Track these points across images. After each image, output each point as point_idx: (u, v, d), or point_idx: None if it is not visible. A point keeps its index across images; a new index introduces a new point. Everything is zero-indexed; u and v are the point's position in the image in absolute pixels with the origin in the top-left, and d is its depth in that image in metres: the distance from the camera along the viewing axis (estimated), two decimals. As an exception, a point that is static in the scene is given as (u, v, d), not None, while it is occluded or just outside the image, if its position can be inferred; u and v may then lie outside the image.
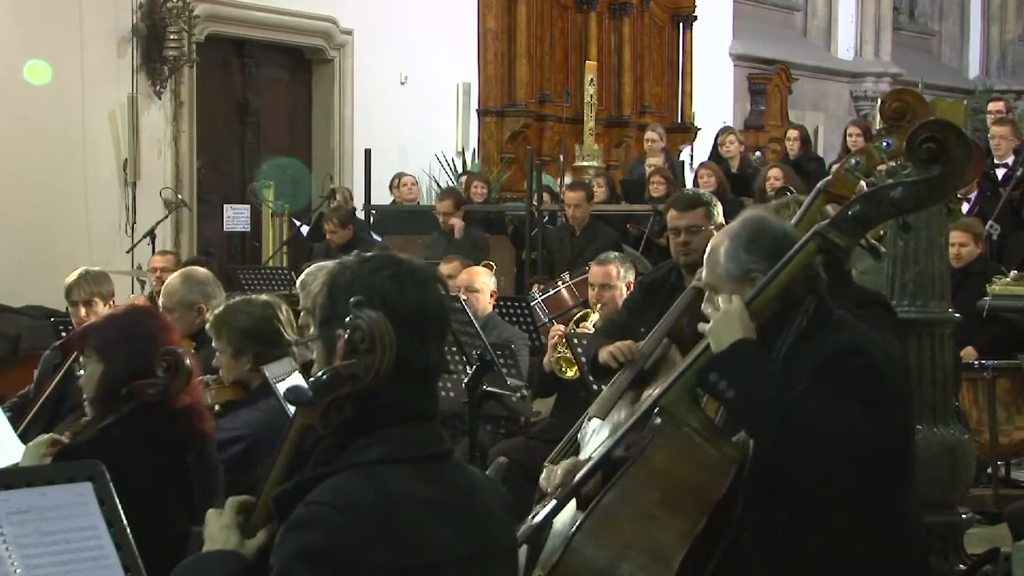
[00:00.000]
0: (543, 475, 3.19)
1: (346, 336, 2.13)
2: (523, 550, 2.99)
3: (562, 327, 6.02)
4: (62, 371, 5.20)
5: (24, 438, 4.41)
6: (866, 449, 2.87)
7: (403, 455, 2.16)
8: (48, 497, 2.27)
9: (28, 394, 5.47)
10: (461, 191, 11.15)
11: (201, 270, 5.59)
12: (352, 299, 2.14)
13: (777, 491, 2.96)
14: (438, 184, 13.23)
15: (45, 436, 3.51)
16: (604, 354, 4.04)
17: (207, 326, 4.42)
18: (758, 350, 2.98)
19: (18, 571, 2.16)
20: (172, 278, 5.38)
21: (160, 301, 5.30)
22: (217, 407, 4.02)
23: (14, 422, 4.76)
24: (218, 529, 2.23)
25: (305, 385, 2.20)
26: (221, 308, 4.36)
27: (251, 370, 4.15)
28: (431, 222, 10.29)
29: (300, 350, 4.24)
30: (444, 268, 7.07)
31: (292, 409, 3.93)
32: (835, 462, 2.86)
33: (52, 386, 5.29)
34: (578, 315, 6.19)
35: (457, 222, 9.75)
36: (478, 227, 10.72)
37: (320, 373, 2.16)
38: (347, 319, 2.13)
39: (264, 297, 4.42)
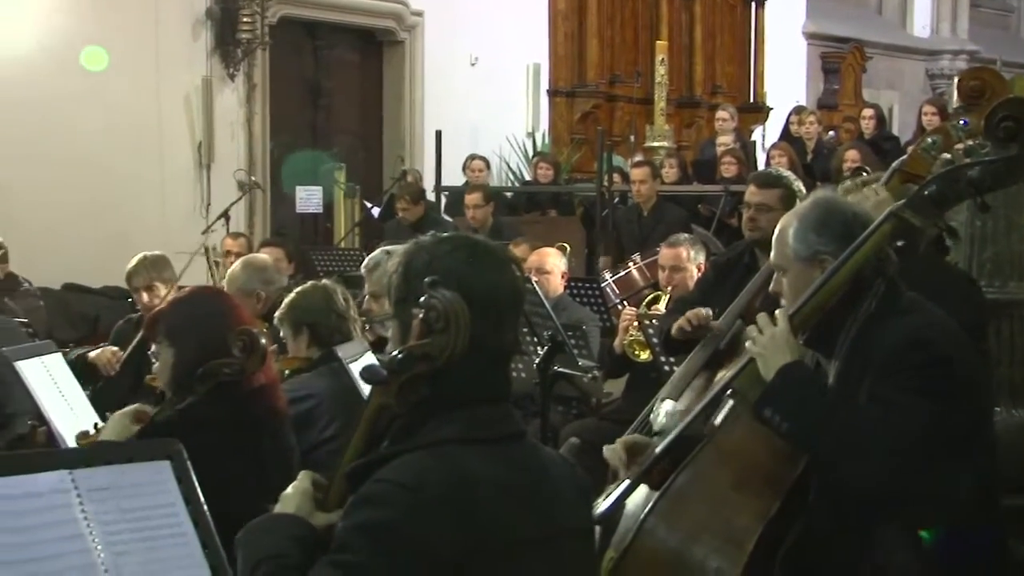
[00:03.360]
0: (606, 451, 3.18)
1: (421, 316, 2.14)
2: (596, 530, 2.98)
3: (633, 310, 6.00)
4: (136, 340, 5.32)
5: (98, 404, 4.50)
6: (934, 446, 2.80)
7: (475, 435, 2.17)
8: (127, 475, 2.29)
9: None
10: (528, 174, 11.06)
11: (261, 257, 5.68)
12: (427, 279, 2.15)
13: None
14: (508, 165, 13.23)
15: (131, 407, 3.51)
16: (677, 325, 4.03)
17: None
18: (805, 375, 2.94)
19: (99, 547, 2.19)
20: (234, 265, 5.50)
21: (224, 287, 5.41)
22: (287, 372, 4.34)
23: (84, 381, 4.87)
24: (293, 492, 2.24)
25: (379, 364, 2.22)
26: (288, 296, 4.63)
27: (309, 345, 4.46)
28: (501, 202, 10.25)
29: (358, 326, 4.58)
30: (514, 250, 7.08)
31: (356, 379, 4.05)
32: (897, 469, 2.79)
33: (128, 354, 5.40)
34: (649, 297, 6.17)
35: (480, 212, 9.51)
36: (547, 208, 10.68)
37: (395, 352, 2.17)
38: (422, 299, 2.14)
39: (324, 282, 4.70)
